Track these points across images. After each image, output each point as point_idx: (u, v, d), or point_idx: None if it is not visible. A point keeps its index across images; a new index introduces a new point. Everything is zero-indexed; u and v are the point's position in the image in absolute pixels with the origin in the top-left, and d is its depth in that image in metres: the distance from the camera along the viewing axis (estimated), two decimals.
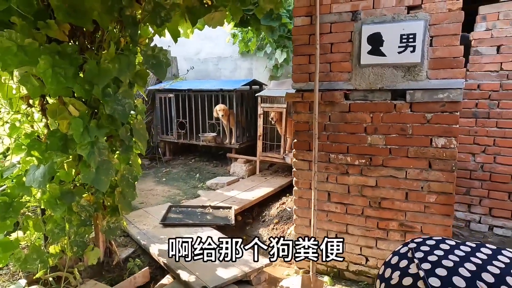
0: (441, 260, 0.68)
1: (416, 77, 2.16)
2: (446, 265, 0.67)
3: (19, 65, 1.70)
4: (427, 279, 0.64)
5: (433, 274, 0.65)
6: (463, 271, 0.64)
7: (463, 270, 0.65)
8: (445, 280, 0.63)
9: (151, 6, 2.21)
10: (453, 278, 0.64)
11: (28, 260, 2.19)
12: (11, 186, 2.14)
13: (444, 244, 0.72)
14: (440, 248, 0.72)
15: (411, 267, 0.65)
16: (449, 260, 0.68)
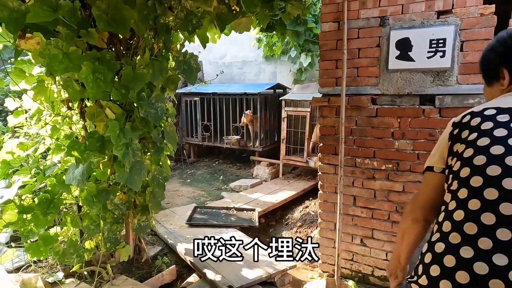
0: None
1: (445, 82, 2.14)
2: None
3: (64, 71, 1.82)
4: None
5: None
6: None
7: None
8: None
9: (183, 14, 2.30)
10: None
11: (66, 254, 2.32)
12: (52, 184, 2.29)
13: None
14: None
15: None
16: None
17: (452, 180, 0.95)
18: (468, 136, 0.95)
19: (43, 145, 2.49)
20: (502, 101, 0.98)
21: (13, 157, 2.42)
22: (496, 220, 0.81)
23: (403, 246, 1.16)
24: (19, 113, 2.46)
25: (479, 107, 1.00)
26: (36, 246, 2.23)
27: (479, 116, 0.97)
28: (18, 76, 2.30)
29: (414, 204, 1.12)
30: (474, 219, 0.84)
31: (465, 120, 0.99)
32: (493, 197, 0.83)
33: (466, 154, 0.92)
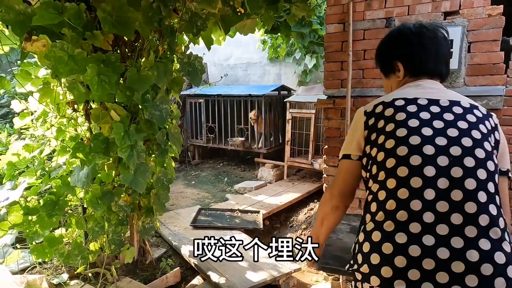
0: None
1: (452, 83, 2.12)
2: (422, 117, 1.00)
3: (69, 73, 1.82)
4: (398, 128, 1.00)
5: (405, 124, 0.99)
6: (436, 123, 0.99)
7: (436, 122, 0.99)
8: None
9: (188, 16, 2.30)
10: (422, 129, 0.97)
11: (71, 256, 2.33)
12: (57, 186, 2.29)
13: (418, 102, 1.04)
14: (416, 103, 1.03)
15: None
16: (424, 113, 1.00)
17: (377, 169, 1.00)
18: (385, 126, 1.01)
19: (48, 147, 2.50)
20: (405, 92, 1.07)
21: (19, 159, 2.43)
22: (422, 206, 0.90)
23: (323, 229, 1.26)
24: (25, 115, 2.48)
25: (388, 97, 1.07)
26: (41, 247, 2.23)
27: (391, 106, 1.03)
28: (24, 78, 2.31)
29: (333, 192, 1.16)
30: (405, 206, 0.92)
31: (378, 110, 1.06)
32: (418, 185, 0.92)
33: (388, 145, 0.99)
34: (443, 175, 0.91)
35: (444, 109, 1.00)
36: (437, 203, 0.90)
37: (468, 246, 0.86)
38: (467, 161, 0.92)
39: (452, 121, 0.98)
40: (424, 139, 0.95)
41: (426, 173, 0.92)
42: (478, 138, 0.96)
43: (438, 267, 0.86)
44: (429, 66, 1.12)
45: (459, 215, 0.89)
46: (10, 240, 2.24)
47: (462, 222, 0.88)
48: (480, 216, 0.89)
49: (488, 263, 0.85)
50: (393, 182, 0.95)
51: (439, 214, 0.89)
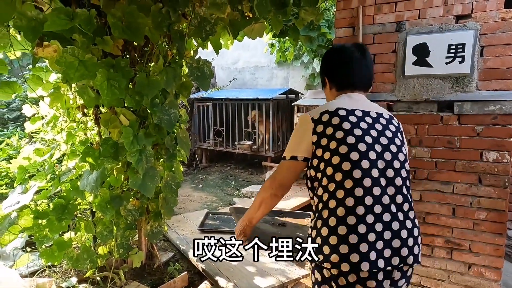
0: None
1: (465, 88, 2.08)
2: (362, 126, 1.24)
3: (80, 78, 1.84)
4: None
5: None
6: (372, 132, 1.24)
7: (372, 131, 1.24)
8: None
9: (197, 20, 2.31)
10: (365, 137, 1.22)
11: (80, 260, 2.34)
12: (67, 190, 2.31)
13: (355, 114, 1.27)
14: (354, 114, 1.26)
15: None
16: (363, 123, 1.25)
17: (333, 171, 1.20)
18: (334, 133, 1.22)
19: (58, 151, 2.53)
20: (344, 103, 1.29)
21: (29, 163, 2.45)
22: (363, 192, 1.15)
23: (259, 212, 1.46)
24: (36, 119, 2.51)
25: (331, 107, 1.27)
26: (50, 251, 2.25)
27: (336, 115, 1.24)
28: (35, 83, 2.34)
29: (274, 183, 1.36)
30: (351, 194, 1.16)
31: (324, 119, 1.25)
32: (369, 184, 1.16)
33: (342, 150, 1.19)
34: (382, 176, 1.19)
35: (374, 120, 1.27)
36: (382, 198, 1.17)
37: (393, 220, 1.17)
38: (395, 164, 1.22)
39: (381, 130, 1.25)
40: (368, 146, 1.20)
41: (373, 174, 1.18)
42: (399, 144, 1.27)
43: (377, 239, 1.14)
44: (350, 80, 1.36)
45: (393, 205, 1.18)
46: (20, 244, 2.25)
47: (396, 209, 1.19)
48: (404, 204, 1.21)
49: (405, 230, 1.18)
50: (350, 183, 1.17)
51: (381, 203, 1.17)
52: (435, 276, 2.28)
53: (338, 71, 1.38)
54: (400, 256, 1.16)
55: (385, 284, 1.18)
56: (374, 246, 1.13)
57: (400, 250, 1.16)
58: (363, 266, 1.12)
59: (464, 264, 2.19)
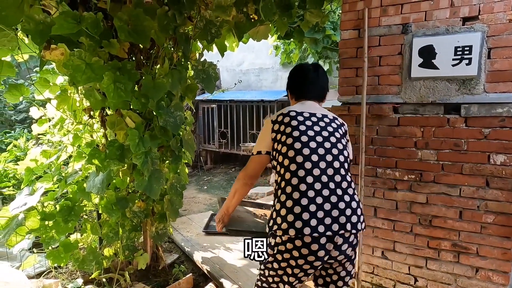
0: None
1: (472, 90, 2.06)
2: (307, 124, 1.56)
3: (86, 81, 1.85)
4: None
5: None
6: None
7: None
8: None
9: (202, 23, 2.32)
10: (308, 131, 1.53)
11: (85, 261, 2.35)
12: (73, 191, 2.32)
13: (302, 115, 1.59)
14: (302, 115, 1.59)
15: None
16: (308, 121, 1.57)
17: (283, 158, 1.51)
18: (285, 130, 1.54)
19: (65, 153, 2.54)
20: (295, 107, 1.65)
21: (36, 165, 2.48)
22: (305, 173, 1.45)
23: (234, 200, 1.75)
24: (43, 121, 2.53)
25: (286, 110, 1.62)
26: (57, 252, 2.26)
27: (287, 116, 1.58)
28: (42, 85, 2.37)
29: (246, 174, 1.68)
30: (295, 175, 1.46)
31: (279, 119, 1.59)
32: (309, 167, 1.46)
33: (288, 141, 1.51)
34: (322, 160, 1.48)
35: (319, 120, 1.60)
36: (321, 177, 1.46)
37: (332, 194, 1.45)
38: (334, 151, 1.52)
39: (323, 127, 1.57)
40: (309, 138, 1.51)
41: (313, 159, 1.47)
42: (338, 137, 1.58)
43: (325, 216, 1.41)
44: (304, 92, 1.74)
45: (332, 183, 1.47)
46: (27, 245, 2.27)
47: (334, 186, 1.47)
48: (342, 182, 1.50)
49: (343, 202, 1.46)
50: (294, 166, 1.47)
51: (321, 181, 1.45)
52: (441, 280, 2.26)
53: (296, 85, 1.77)
54: (339, 223, 1.42)
55: (328, 247, 1.42)
56: (315, 215, 1.40)
57: (338, 218, 1.43)
58: (305, 230, 1.38)
59: (471, 268, 2.17)
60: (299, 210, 1.41)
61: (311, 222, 1.39)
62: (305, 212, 1.40)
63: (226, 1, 2.28)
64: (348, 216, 1.45)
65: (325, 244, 1.42)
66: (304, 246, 1.41)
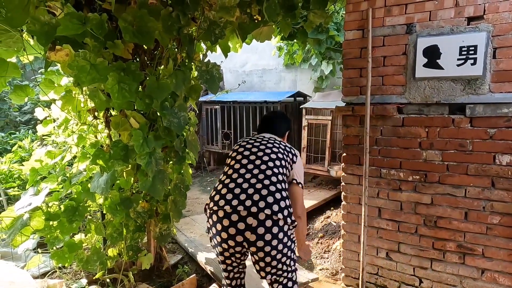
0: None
1: (477, 90, 2.05)
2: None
3: (91, 82, 1.86)
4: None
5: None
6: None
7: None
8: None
9: (206, 24, 2.32)
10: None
11: (90, 261, 2.35)
12: (78, 192, 2.33)
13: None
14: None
15: None
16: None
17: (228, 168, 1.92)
18: (233, 152, 1.99)
19: (69, 154, 2.55)
20: (248, 137, 2.08)
21: (41, 165, 2.49)
22: (228, 178, 1.85)
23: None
24: (48, 122, 2.54)
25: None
26: (61, 252, 2.27)
27: (237, 143, 2.05)
28: (47, 86, 2.38)
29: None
30: (224, 180, 1.86)
31: (235, 147, 2.03)
32: (235, 176, 1.84)
33: (227, 161, 1.97)
34: (248, 172, 1.82)
35: (257, 142, 1.97)
36: (237, 179, 1.80)
37: (249, 187, 1.76)
38: (262, 167, 1.84)
39: (259, 148, 1.92)
40: (242, 156, 1.91)
41: (240, 171, 1.84)
42: (272, 157, 1.89)
43: (233, 198, 1.72)
44: (263, 129, 2.16)
45: (249, 185, 1.78)
46: (32, 245, 2.27)
47: (252, 186, 1.77)
48: (257, 184, 1.77)
49: (257, 194, 1.73)
50: (224, 176, 1.87)
51: (236, 183, 1.79)
52: (447, 281, 2.25)
53: (260, 123, 2.20)
54: (244, 206, 1.68)
55: (232, 218, 1.69)
56: (220, 192, 1.77)
57: (244, 202, 1.69)
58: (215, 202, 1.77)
59: (477, 269, 2.15)
60: (213, 193, 1.82)
61: (215, 197, 1.77)
62: (217, 194, 1.79)
63: (230, 2, 2.28)
64: (255, 201, 1.69)
65: (236, 222, 1.68)
66: (218, 221, 1.72)
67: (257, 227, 1.67)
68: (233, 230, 1.70)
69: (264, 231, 1.68)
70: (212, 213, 1.78)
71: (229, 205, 1.70)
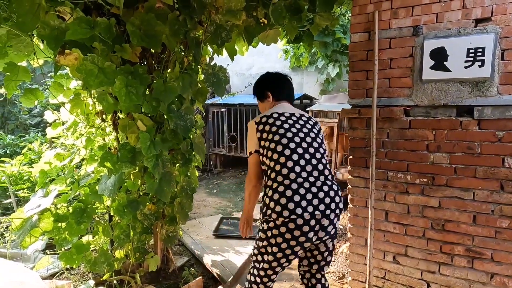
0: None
1: (485, 92, 2.03)
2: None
3: (99, 85, 1.89)
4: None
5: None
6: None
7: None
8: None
9: (213, 27, 2.34)
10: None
11: (97, 263, 2.37)
12: (86, 194, 2.36)
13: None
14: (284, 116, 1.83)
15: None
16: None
17: (272, 153, 1.71)
18: (270, 128, 1.75)
19: (78, 156, 2.59)
20: (276, 109, 1.86)
21: (50, 167, 2.52)
22: (300, 168, 1.68)
23: (251, 203, 1.95)
24: (57, 125, 2.58)
25: (267, 112, 1.84)
26: (69, 254, 2.29)
27: (271, 117, 1.79)
28: (57, 90, 2.42)
29: (249, 177, 1.87)
30: (292, 170, 1.67)
31: (263, 120, 1.80)
32: (296, 158, 1.69)
33: (276, 138, 1.72)
34: (306, 152, 1.72)
35: (297, 119, 1.82)
36: (301, 173, 1.67)
37: (312, 186, 1.66)
38: (310, 150, 1.74)
39: (302, 126, 1.80)
40: (292, 136, 1.73)
41: (299, 151, 1.71)
42: (313, 136, 1.80)
43: (306, 192, 1.64)
44: (283, 95, 1.98)
45: (311, 177, 1.69)
46: (41, 246, 2.30)
47: (314, 179, 1.68)
48: (320, 176, 1.71)
49: (322, 192, 1.67)
50: (283, 159, 1.68)
51: (301, 176, 1.66)
52: (455, 286, 2.22)
53: (275, 87, 1.98)
54: (324, 204, 1.64)
55: (316, 228, 1.64)
56: (304, 197, 1.62)
57: (324, 200, 1.65)
58: (297, 210, 1.60)
59: (486, 274, 2.12)
60: (290, 194, 1.62)
61: (302, 203, 1.61)
62: (296, 195, 1.62)
63: (236, 5, 2.29)
64: (332, 197, 1.68)
65: (314, 226, 1.63)
66: (297, 228, 1.61)
67: (328, 225, 1.69)
68: (311, 233, 1.65)
69: (332, 227, 1.72)
70: (287, 221, 1.62)
71: (318, 211, 1.63)
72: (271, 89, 1.98)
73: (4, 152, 6.20)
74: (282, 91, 1.99)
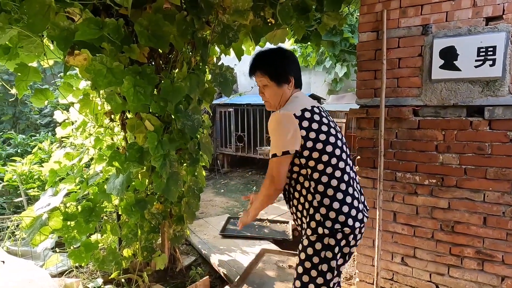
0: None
1: (496, 92, 2.00)
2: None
3: (107, 85, 1.90)
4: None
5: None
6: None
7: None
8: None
9: (220, 28, 2.35)
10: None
11: (105, 261, 2.40)
12: (94, 193, 2.38)
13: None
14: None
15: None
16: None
17: (320, 154, 1.49)
18: (312, 125, 1.49)
19: (87, 155, 2.62)
20: (307, 102, 1.58)
21: (60, 166, 2.56)
22: (340, 173, 1.51)
23: (264, 207, 1.73)
24: (67, 124, 2.61)
25: (305, 104, 1.55)
26: (78, 252, 2.32)
27: (314, 112, 1.54)
28: (66, 90, 2.45)
29: (273, 180, 1.56)
30: (344, 172, 1.53)
31: (307, 116, 1.51)
32: (340, 159, 1.53)
33: (322, 138, 1.50)
34: (342, 152, 1.57)
35: (327, 116, 1.62)
36: (346, 167, 1.55)
37: (360, 191, 1.64)
38: (345, 149, 1.61)
39: (332, 123, 1.60)
40: (335, 133, 1.57)
41: (336, 153, 1.53)
42: (339, 131, 1.63)
43: (359, 203, 1.56)
44: (300, 81, 1.71)
45: (352, 180, 1.57)
46: (50, 244, 2.34)
47: (352, 183, 1.57)
48: (355, 179, 1.64)
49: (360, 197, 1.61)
50: (335, 160, 1.51)
51: (350, 177, 1.55)
52: None
53: (298, 71, 1.68)
54: (362, 212, 1.56)
55: (358, 237, 1.56)
56: (353, 205, 1.51)
57: (359, 207, 1.56)
58: (349, 221, 1.48)
59: (497, 277, 2.09)
60: (350, 200, 1.51)
61: (351, 212, 1.49)
62: (354, 200, 1.53)
63: (244, 5, 2.29)
64: (362, 201, 1.62)
65: (356, 235, 1.55)
66: (344, 238, 1.50)
67: (360, 232, 1.60)
68: (353, 242, 1.57)
69: (361, 235, 1.64)
70: (338, 231, 1.49)
71: (360, 212, 1.55)
72: (295, 73, 1.64)
73: (15, 151, 6.31)
74: (301, 75, 1.73)
